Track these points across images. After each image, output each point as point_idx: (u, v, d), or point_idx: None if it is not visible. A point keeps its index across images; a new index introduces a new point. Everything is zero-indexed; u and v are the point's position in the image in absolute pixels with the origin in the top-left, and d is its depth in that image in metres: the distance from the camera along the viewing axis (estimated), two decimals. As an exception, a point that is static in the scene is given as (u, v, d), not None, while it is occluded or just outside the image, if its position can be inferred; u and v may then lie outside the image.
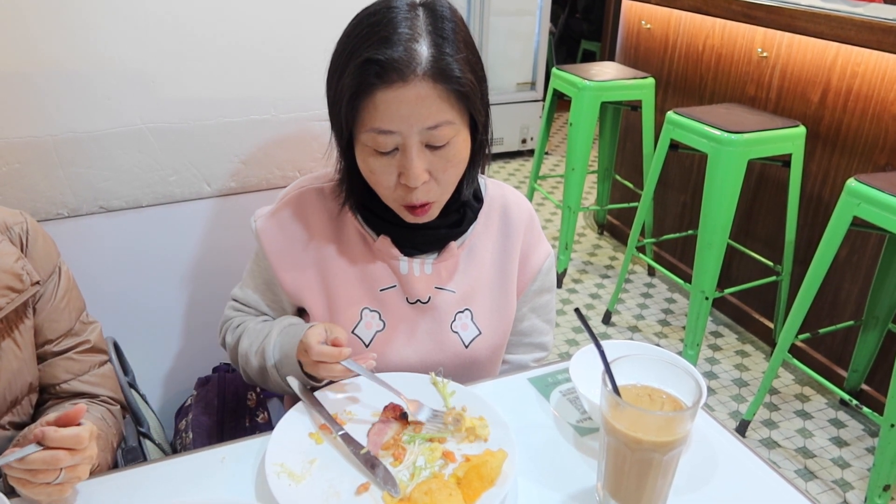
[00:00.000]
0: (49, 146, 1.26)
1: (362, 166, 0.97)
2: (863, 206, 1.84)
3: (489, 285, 1.12)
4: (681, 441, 0.76)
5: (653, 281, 3.23)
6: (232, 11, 1.31)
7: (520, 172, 4.53)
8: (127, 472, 0.90)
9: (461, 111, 0.93)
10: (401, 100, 0.88)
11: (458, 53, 0.90)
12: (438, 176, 0.95)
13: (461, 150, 0.95)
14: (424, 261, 1.07)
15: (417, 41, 0.88)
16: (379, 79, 0.88)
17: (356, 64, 0.89)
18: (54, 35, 1.20)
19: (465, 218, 1.08)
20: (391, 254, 1.06)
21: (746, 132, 2.23)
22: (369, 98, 0.89)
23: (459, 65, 0.90)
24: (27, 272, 0.93)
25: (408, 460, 0.88)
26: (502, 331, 1.14)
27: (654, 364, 0.83)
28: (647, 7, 3.15)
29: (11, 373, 0.93)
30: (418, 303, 1.08)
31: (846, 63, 2.29)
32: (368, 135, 0.91)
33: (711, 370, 2.61)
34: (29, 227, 0.98)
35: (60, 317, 1.00)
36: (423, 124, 0.90)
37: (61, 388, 1.01)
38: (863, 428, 2.31)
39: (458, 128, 0.93)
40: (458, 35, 0.92)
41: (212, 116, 1.37)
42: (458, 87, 0.90)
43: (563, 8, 5.86)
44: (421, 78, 0.88)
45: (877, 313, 2.22)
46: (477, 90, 0.94)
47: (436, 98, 0.89)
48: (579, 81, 2.81)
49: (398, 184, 0.95)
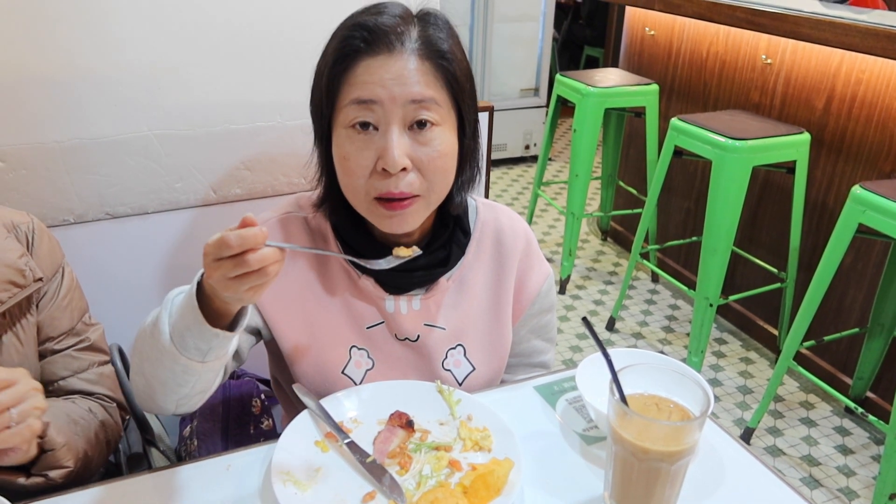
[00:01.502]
0: (55, 152, 1.26)
1: (338, 156, 0.90)
2: (868, 214, 1.83)
3: (482, 318, 1.06)
4: (689, 451, 0.76)
5: (656, 287, 3.22)
6: (238, 18, 1.32)
7: (523, 178, 4.53)
8: (132, 480, 0.90)
9: (448, 97, 0.89)
10: (385, 68, 0.85)
11: (450, 39, 0.90)
12: (423, 167, 0.88)
13: (446, 142, 0.90)
14: (412, 297, 1.02)
15: (409, 24, 0.88)
16: (365, 44, 0.86)
17: (344, 29, 0.88)
18: (60, 43, 1.21)
19: (451, 255, 1.01)
20: (376, 293, 1.01)
21: (751, 139, 2.23)
22: (352, 67, 0.87)
23: (450, 47, 0.89)
24: (30, 269, 0.95)
25: (414, 469, 0.88)
26: (497, 365, 1.09)
27: (661, 373, 0.83)
28: (650, 14, 3.15)
29: (12, 367, 0.94)
30: (407, 340, 1.03)
31: (851, 70, 2.29)
32: (348, 109, 0.87)
33: (715, 377, 2.60)
34: (35, 227, 1.01)
35: (62, 315, 1.02)
36: (406, 96, 0.85)
37: (59, 386, 1.02)
38: (868, 436, 2.30)
39: (443, 113, 0.89)
40: (450, 31, 0.92)
41: (218, 123, 1.37)
42: (446, 65, 0.88)
43: (567, 14, 5.88)
44: (409, 52, 0.86)
45: (882, 321, 2.21)
46: (466, 77, 0.91)
47: (424, 72, 0.87)
48: (583, 88, 2.82)
49: (374, 171, 0.87)
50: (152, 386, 0.85)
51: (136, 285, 1.41)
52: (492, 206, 1.11)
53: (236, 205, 1.45)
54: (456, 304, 1.05)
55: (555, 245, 3.59)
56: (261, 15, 1.33)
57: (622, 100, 2.87)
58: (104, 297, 1.35)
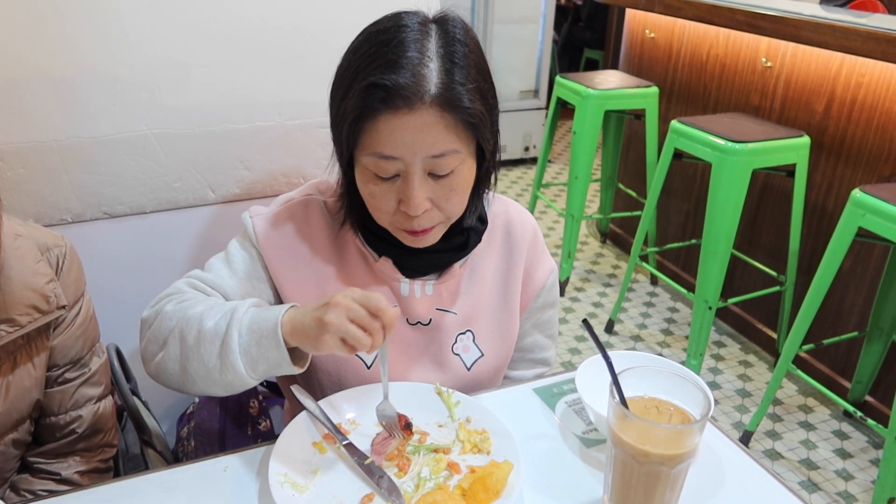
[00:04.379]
0: (54, 151, 1.26)
1: (362, 189, 0.93)
2: (868, 217, 1.83)
3: (491, 305, 1.09)
4: (689, 454, 0.75)
5: (655, 290, 3.22)
6: (237, 19, 1.32)
7: (522, 180, 4.53)
8: (129, 481, 0.89)
9: (468, 140, 0.89)
10: (405, 127, 0.84)
11: (469, 82, 0.86)
12: (441, 204, 0.91)
13: (466, 178, 0.91)
14: (426, 282, 1.04)
15: (427, 66, 0.84)
16: (384, 104, 0.83)
17: (361, 87, 0.85)
18: (59, 42, 1.20)
19: (469, 241, 1.04)
20: (392, 276, 1.03)
21: (750, 142, 2.23)
22: (372, 122, 0.85)
23: (470, 94, 0.86)
24: (56, 295, 0.94)
25: (412, 471, 0.87)
26: (505, 352, 1.11)
27: (661, 375, 0.82)
28: (650, 16, 3.15)
29: (23, 389, 0.94)
30: (419, 324, 1.05)
31: (851, 73, 2.29)
32: (370, 158, 0.88)
33: (714, 380, 2.60)
34: (67, 252, 1.00)
35: (74, 345, 1.01)
36: (427, 152, 0.86)
37: (51, 421, 1.02)
38: (867, 440, 2.30)
39: (463, 157, 0.89)
40: (469, 60, 0.87)
41: (217, 123, 1.37)
42: (466, 118, 0.86)
43: (567, 16, 5.88)
44: (428, 106, 0.83)
45: (881, 324, 2.21)
46: (486, 120, 0.90)
47: (442, 127, 0.85)
48: (583, 90, 2.81)
49: (398, 210, 0.91)
50: (191, 378, 0.89)
51: (134, 285, 1.40)
52: (502, 199, 1.13)
53: (235, 205, 1.45)
54: (468, 290, 1.07)
55: (554, 247, 3.59)
56: (261, 15, 1.33)
57: (622, 102, 2.87)
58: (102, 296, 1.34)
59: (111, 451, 1.09)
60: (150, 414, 1.31)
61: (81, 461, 1.04)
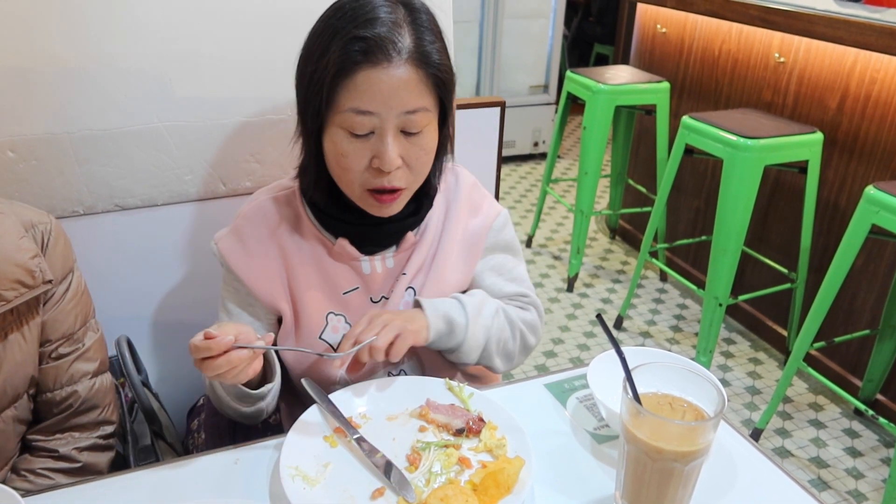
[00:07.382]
0: (66, 143, 1.26)
1: (332, 151, 0.96)
2: (881, 214, 1.82)
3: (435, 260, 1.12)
4: (703, 451, 0.75)
5: (665, 286, 3.21)
6: (251, 11, 1.31)
7: (531, 175, 4.52)
8: (140, 473, 0.90)
9: (435, 100, 0.96)
10: (383, 81, 0.90)
11: (436, 42, 0.94)
12: (411, 163, 0.96)
13: (432, 138, 0.98)
14: (385, 255, 1.09)
15: (400, 26, 0.91)
16: (364, 56, 0.89)
17: (342, 41, 0.90)
18: (72, 33, 1.20)
19: (421, 206, 1.08)
20: (351, 255, 1.07)
21: (763, 138, 2.21)
22: (352, 77, 0.90)
23: (439, 52, 0.94)
24: (41, 270, 0.95)
25: (423, 466, 0.87)
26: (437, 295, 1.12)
27: (674, 372, 0.82)
28: (662, 11, 3.13)
29: (15, 364, 0.96)
30: (382, 299, 1.10)
31: (865, 69, 2.27)
32: (346, 115, 0.92)
33: (724, 377, 2.58)
34: (52, 228, 1.01)
35: (65, 319, 1.03)
36: (402, 108, 0.91)
37: (47, 398, 1.03)
38: (878, 438, 2.29)
39: (431, 116, 0.96)
40: (433, 26, 0.96)
41: (228, 115, 1.36)
42: (437, 73, 0.93)
43: (577, 11, 5.85)
44: (405, 61, 0.90)
45: (893, 322, 2.20)
46: (453, 77, 0.98)
47: (417, 82, 0.92)
48: (594, 85, 2.80)
49: (369, 167, 0.95)
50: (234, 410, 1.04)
51: (145, 277, 1.41)
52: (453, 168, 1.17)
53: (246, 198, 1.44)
54: (418, 252, 1.11)
55: (563, 243, 3.58)
56: (272, 9, 1.33)
57: (633, 97, 2.86)
58: (113, 288, 1.35)
59: (110, 427, 1.10)
60: (160, 406, 1.31)
61: (80, 437, 1.05)
